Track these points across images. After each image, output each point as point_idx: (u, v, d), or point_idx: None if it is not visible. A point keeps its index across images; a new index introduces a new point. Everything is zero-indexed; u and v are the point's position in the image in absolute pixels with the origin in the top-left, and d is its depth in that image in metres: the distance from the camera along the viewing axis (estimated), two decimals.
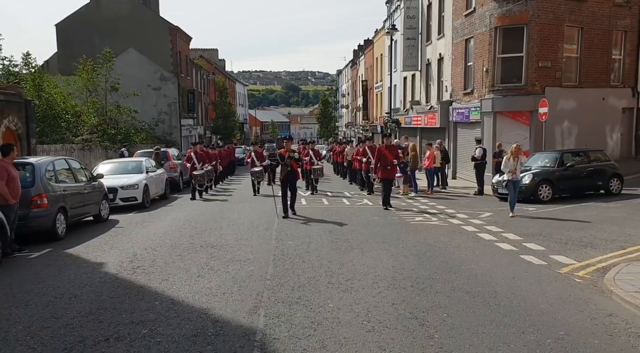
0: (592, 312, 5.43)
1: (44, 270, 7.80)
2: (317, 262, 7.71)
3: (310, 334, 4.81)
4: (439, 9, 26.55)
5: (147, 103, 36.03)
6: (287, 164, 12.43)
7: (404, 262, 7.64)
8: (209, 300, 5.92)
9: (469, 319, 5.17)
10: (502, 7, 19.77)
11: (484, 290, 6.20)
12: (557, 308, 5.55)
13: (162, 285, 6.61)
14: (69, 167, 11.77)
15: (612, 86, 21.52)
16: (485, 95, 20.65)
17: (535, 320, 5.17)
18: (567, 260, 7.74)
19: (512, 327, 4.98)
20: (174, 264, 7.77)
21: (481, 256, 8.10)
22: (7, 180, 8.85)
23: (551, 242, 9.07)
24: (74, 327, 5.15)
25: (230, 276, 6.96)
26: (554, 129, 20.11)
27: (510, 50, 20.10)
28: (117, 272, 7.45)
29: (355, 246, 8.86)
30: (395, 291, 6.16)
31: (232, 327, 5.06)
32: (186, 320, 5.26)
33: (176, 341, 4.69)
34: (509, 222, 11.45)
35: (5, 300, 6.17)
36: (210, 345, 4.58)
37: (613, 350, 4.44)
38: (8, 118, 16.02)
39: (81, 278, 7.16)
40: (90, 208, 12.18)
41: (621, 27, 21.30)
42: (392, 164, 14.12)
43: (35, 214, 9.77)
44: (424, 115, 28.05)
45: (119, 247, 9.34)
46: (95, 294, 6.34)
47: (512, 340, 4.66)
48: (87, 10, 38.37)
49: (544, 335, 4.77)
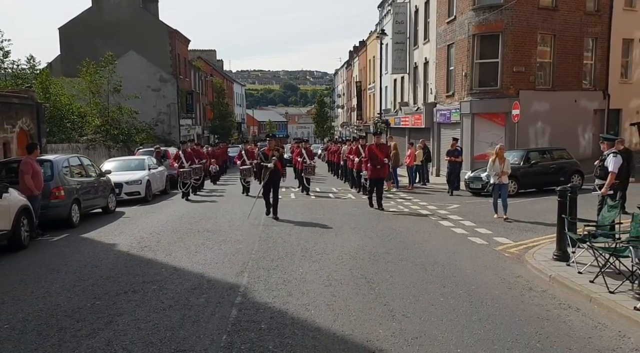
0: (505, 274, 6.92)
1: (66, 249, 9.27)
2: (296, 242, 9.19)
3: (281, 288, 6.29)
4: (425, 16, 28.02)
5: (147, 104, 37.41)
6: (271, 163, 11.92)
7: (368, 242, 9.14)
8: (204, 267, 7.40)
9: (405, 279, 6.66)
10: (479, 16, 21.26)
11: (426, 260, 7.69)
12: (478, 272, 7.04)
13: (166, 259, 8.08)
14: (81, 164, 13.25)
15: (583, 89, 23.02)
16: (464, 98, 22.16)
17: (457, 280, 6.66)
18: (506, 240, 9.24)
19: (437, 284, 6.47)
20: (175, 244, 9.24)
21: (435, 238, 9.60)
22: (31, 174, 10.33)
23: (500, 227, 10.56)
24: (98, 285, 6.63)
25: (222, 252, 8.45)
26: (528, 129, 21.63)
27: (487, 56, 21.59)
28: (127, 250, 8.93)
29: (330, 230, 10.35)
30: (354, 261, 7.65)
31: (222, 283, 6.55)
32: (186, 280, 6.75)
33: (179, 292, 6.17)
34: (471, 212, 12.95)
35: (40, 270, 7.64)
36: (204, 294, 6.07)
37: (505, 297, 5.93)
38: (22, 119, 17.47)
39: (98, 254, 8.64)
40: (99, 200, 13.64)
41: (592, 34, 22.77)
42: (382, 163, 13.54)
43: (54, 204, 11.24)
44: (411, 116, 29.57)
45: (127, 232, 10.82)
46: (111, 265, 7.81)
47: (433, 290, 6.15)
48: (90, 14, 39.78)
49: (459, 288, 6.26)
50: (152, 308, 5.60)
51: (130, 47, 38.30)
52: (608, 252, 6.18)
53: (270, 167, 11.87)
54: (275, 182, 12.10)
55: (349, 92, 62.99)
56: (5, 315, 5.54)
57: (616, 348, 4.51)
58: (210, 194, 18.92)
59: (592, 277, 6.24)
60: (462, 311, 5.42)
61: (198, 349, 4.48)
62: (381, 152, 13.62)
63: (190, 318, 5.26)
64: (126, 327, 5.04)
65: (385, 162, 13.63)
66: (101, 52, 32.43)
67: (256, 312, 5.45)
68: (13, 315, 5.51)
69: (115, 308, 5.65)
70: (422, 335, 4.76)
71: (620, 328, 4.94)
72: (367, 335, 4.77)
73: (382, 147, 14.05)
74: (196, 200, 16.64)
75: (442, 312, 5.40)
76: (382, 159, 13.49)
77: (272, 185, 12.03)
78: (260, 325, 5.05)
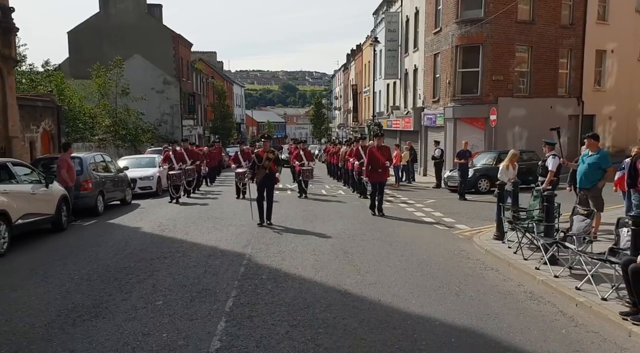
0: (454, 249, 8.83)
1: (98, 231, 11.16)
2: (290, 227, 11.08)
3: (277, 256, 8.20)
4: (414, 26, 29.95)
5: (151, 105, 39.23)
6: (265, 166, 11.29)
7: (350, 226, 11.06)
8: (216, 242, 9.31)
9: (374, 251, 8.57)
10: (462, 29, 23.20)
11: (393, 240, 9.60)
12: (433, 248, 8.96)
13: (184, 237, 9.99)
14: (104, 161, 15.14)
15: (559, 96, 24.95)
16: (448, 104, 24.09)
17: (414, 252, 8.57)
18: (464, 227, 11.15)
19: (398, 254, 8.37)
20: (190, 227, 11.13)
21: (406, 224, 11.52)
22: (66, 168, 12.21)
23: (463, 217, 12.47)
24: (135, 254, 8.52)
25: (230, 232, 10.36)
26: (507, 133, 23.56)
27: (468, 65, 23.53)
28: (151, 231, 10.83)
29: (319, 219, 12.25)
30: (336, 239, 9.56)
31: (231, 252, 8.46)
32: (203, 250, 8.67)
33: (199, 258, 8.09)
34: (444, 205, 14.87)
35: (83, 245, 9.54)
36: (219, 259, 7.99)
37: (447, 263, 7.83)
38: (45, 121, 19.37)
39: (127, 234, 10.53)
40: (118, 193, 15.51)
41: (567, 46, 24.71)
42: (383, 167, 12.94)
43: (83, 195, 13.12)
44: (401, 119, 31.54)
45: (146, 218, 12.70)
46: (140, 241, 9.70)
47: (393, 258, 8.05)
48: (97, 19, 41.64)
49: (414, 256, 8.17)
50: (181, 267, 7.52)
51: (136, 50, 40.12)
52: (523, 229, 8.09)
53: (264, 171, 11.28)
54: (269, 186, 11.38)
55: (346, 95, 64.96)
56: (72, 271, 7.43)
57: (512, 291, 6.41)
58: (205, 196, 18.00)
59: (521, 251, 8.14)
60: (410, 270, 7.33)
61: (218, 289, 6.37)
62: (382, 154, 12.95)
63: (210, 272, 7.17)
64: (164, 277, 6.94)
65: (387, 165, 13.04)
66: (108, 55, 34.33)
67: (258, 269, 7.37)
68: (78, 271, 7.40)
69: (153, 267, 7.54)
70: (377, 282, 6.66)
71: (521, 281, 6.85)
72: (339, 282, 6.67)
73: (384, 149, 13.26)
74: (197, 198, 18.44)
75: (396, 270, 7.31)
76: (384, 162, 12.86)
77: (266, 189, 11.33)
78: (262, 276, 6.97)
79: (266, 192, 11.33)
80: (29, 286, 6.72)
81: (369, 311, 5.58)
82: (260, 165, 11.35)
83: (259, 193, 11.42)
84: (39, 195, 10.25)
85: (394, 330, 5.04)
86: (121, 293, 6.25)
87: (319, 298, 5.98)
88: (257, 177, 11.46)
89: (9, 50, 16.09)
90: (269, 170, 11.37)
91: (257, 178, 11.51)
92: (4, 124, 15.78)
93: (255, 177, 11.60)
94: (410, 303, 5.87)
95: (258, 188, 11.50)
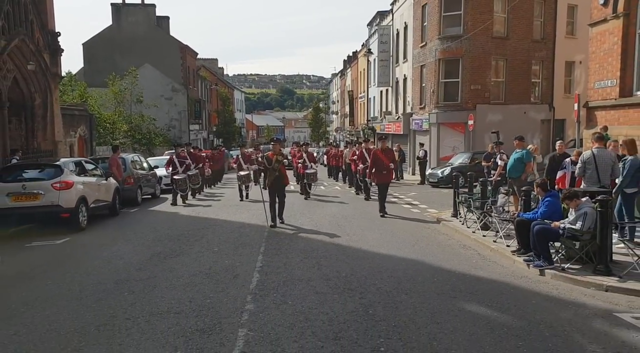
0: (421, 224, 11.83)
1: (145, 215, 14.16)
2: (298, 210, 14.10)
3: (289, 227, 11.25)
4: (404, 38, 33.01)
5: (160, 111, 42.15)
6: (275, 169, 11.52)
7: (344, 210, 14.09)
8: (243, 220, 12.39)
9: (361, 225, 11.58)
10: (444, 44, 26.27)
11: (376, 217, 12.62)
12: (407, 222, 11.99)
13: (217, 217, 13.01)
14: (140, 160, 18.13)
15: (532, 103, 27.97)
16: (432, 110, 27.13)
17: (392, 224, 11.59)
18: (434, 210, 14.16)
19: (379, 225, 11.40)
20: (217, 211, 14.16)
21: (389, 209, 14.49)
22: (115, 166, 15.21)
23: (436, 204, 15.48)
24: (184, 227, 11.52)
25: (251, 214, 13.43)
26: (484, 136, 26.43)
27: (450, 76, 26.57)
28: (187, 214, 13.82)
29: (319, 206, 15.27)
30: (332, 218, 12.58)
31: (255, 225, 11.53)
32: (235, 224, 11.75)
33: (233, 228, 11.15)
34: (423, 196, 17.89)
35: (141, 223, 12.54)
36: (247, 229, 11.04)
37: (414, 230, 10.84)
38: (80, 127, 22.39)
39: (168, 217, 13.52)
40: (150, 188, 18.48)
41: (539, 58, 27.74)
42: (388, 169, 13.49)
43: (127, 188, 16.07)
44: (393, 124, 34.59)
45: (178, 207, 15.68)
46: (183, 219, 12.72)
47: (375, 228, 11.07)
48: (110, 31, 44.69)
49: (390, 226, 11.18)
50: (222, 232, 10.60)
51: (146, 60, 43.04)
52: (469, 207, 11.12)
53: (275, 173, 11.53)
54: (280, 188, 11.66)
55: (343, 100, 68.10)
56: (144, 236, 10.44)
57: (451, 245, 9.43)
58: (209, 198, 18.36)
59: (466, 223, 11.13)
60: (386, 234, 10.37)
61: (253, 243, 9.41)
62: (386, 157, 13.47)
63: (244, 234, 10.25)
64: (213, 238, 10.02)
65: (391, 167, 13.63)
66: (120, 64, 37.32)
67: (277, 234, 10.43)
68: (148, 236, 10.42)
69: (202, 233, 10.58)
70: (360, 240, 9.70)
71: (460, 240, 9.89)
72: (331, 236, 9.78)
73: (387, 151, 13.88)
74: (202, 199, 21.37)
75: (374, 233, 10.37)
76: (388, 164, 13.40)
77: (277, 191, 11.59)
78: (280, 236, 10.02)
79: (278, 193, 11.58)
80: (118, 245, 9.71)
81: (353, 252, 8.65)
82: (271, 168, 11.57)
83: (271, 196, 11.57)
84: (102, 186, 13.24)
85: (367, 260, 8.10)
86: (187, 246, 9.28)
87: (320, 247, 9.03)
88: (268, 179, 11.74)
89: (56, 68, 19.14)
90: (279, 172, 11.58)
91: (267, 181, 11.79)
92: (52, 131, 18.81)
93: (266, 180, 11.98)
94: (380, 250, 8.91)
95: (269, 191, 11.63)
